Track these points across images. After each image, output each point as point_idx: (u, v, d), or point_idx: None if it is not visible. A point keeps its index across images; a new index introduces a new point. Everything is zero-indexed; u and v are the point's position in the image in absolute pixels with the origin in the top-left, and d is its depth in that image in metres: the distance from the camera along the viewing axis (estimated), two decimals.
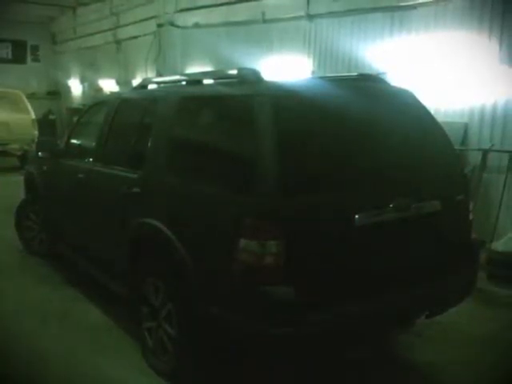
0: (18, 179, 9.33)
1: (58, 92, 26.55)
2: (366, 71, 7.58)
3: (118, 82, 20.28)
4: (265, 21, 12.82)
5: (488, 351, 5.48)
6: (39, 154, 7.49)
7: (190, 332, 4.49)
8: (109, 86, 20.71)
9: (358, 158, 4.38)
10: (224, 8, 14.02)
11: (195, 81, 5.40)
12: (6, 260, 7.94)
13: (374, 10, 10.11)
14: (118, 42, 20.24)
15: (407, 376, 5.05)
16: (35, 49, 26.57)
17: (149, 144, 5.24)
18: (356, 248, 4.20)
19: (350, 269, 4.18)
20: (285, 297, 3.86)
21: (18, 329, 5.74)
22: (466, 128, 8.59)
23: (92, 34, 21.88)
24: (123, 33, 19.57)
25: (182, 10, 15.70)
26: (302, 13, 11.69)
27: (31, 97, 19.71)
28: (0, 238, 8.77)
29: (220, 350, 4.52)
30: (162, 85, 6.10)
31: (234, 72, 4.79)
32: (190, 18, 15.37)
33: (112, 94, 12.68)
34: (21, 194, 8.55)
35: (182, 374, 4.76)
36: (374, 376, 4.97)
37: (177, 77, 6.02)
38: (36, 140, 15.29)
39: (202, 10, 14.84)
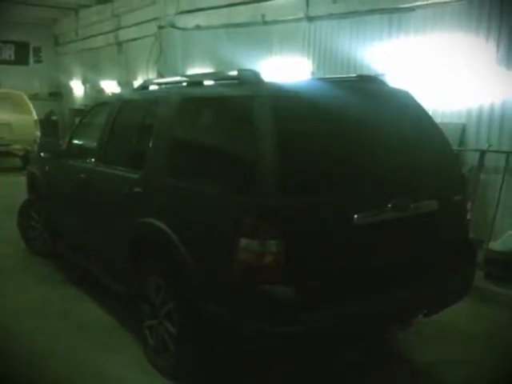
0: (21, 179, 9.39)
1: (60, 93, 26.60)
2: (365, 72, 7.60)
3: (119, 83, 20.34)
4: (265, 23, 12.89)
5: (487, 350, 5.50)
6: (41, 154, 7.52)
7: (191, 331, 4.52)
8: (110, 87, 20.76)
9: (357, 158, 4.41)
10: (224, 10, 14.07)
11: (196, 82, 5.43)
12: (9, 259, 7.96)
13: (373, 11, 10.16)
14: (119, 44, 20.32)
15: (407, 376, 5.07)
16: (38, 50, 26.62)
17: (150, 144, 5.27)
18: (355, 247, 4.23)
19: (349, 268, 4.21)
20: (285, 296, 3.88)
21: (19, 328, 5.76)
22: (463, 129, 8.64)
23: (94, 36, 21.97)
24: (124, 34, 19.65)
25: (182, 12, 15.74)
26: (302, 15, 11.76)
27: (33, 98, 19.74)
28: (3, 237, 8.81)
29: (220, 349, 4.54)
30: (162, 86, 6.12)
31: (234, 73, 4.82)
32: (191, 20, 15.43)
33: (114, 95, 12.70)
34: (23, 194, 8.58)
35: (183, 373, 4.80)
36: (373, 376, 5.00)
37: (177, 78, 6.07)
38: (38, 140, 15.31)
39: (203, 12, 14.90)
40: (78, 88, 24.94)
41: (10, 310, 6.20)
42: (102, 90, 21.62)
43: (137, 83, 16.32)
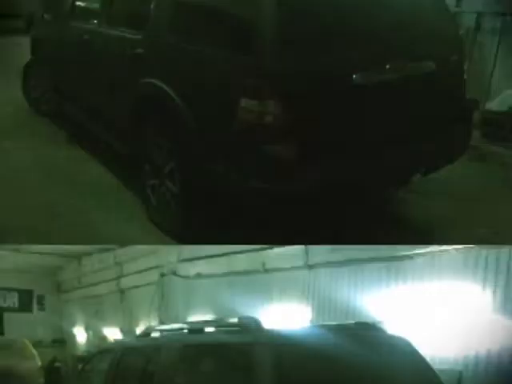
0: None
1: (63, 340, 26.52)
2: (364, 319, 7.73)
3: (122, 331, 20.34)
4: (265, 270, 13.09)
5: (477, 206, 6.21)
6: None
7: (191, 189, 4.53)
8: (113, 334, 20.75)
9: (357, 18, 4.49)
10: (224, 259, 14.41)
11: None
12: (14, 120, 7.84)
13: (371, 260, 10.38)
14: (121, 291, 20.59)
15: None
16: (41, 298, 26.90)
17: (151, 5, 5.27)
18: (356, 108, 4.28)
19: (350, 127, 4.22)
20: (284, 155, 3.95)
21: (21, 184, 6.31)
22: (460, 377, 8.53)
23: (96, 284, 22.31)
24: (127, 282, 20.01)
25: (184, 260, 16.13)
26: (301, 263, 12.02)
27: (37, 345, 19.64)
28: (8, 98, 8.56)
29: (219, 208, 4.78)
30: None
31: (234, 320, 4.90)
32: (192, 268, 15.80)
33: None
34: None
35: (182, 230, 5.09)
36: None
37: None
38: None
39: (204, 260, 15.28)
40: (81, 334, 24.90)
41: (18, 168, 6.82)
42: (104, 338, 21.58)
43: (139, 330, 16.36)
